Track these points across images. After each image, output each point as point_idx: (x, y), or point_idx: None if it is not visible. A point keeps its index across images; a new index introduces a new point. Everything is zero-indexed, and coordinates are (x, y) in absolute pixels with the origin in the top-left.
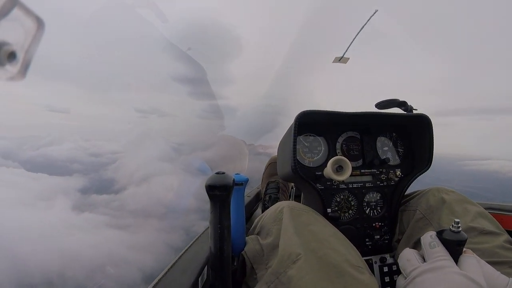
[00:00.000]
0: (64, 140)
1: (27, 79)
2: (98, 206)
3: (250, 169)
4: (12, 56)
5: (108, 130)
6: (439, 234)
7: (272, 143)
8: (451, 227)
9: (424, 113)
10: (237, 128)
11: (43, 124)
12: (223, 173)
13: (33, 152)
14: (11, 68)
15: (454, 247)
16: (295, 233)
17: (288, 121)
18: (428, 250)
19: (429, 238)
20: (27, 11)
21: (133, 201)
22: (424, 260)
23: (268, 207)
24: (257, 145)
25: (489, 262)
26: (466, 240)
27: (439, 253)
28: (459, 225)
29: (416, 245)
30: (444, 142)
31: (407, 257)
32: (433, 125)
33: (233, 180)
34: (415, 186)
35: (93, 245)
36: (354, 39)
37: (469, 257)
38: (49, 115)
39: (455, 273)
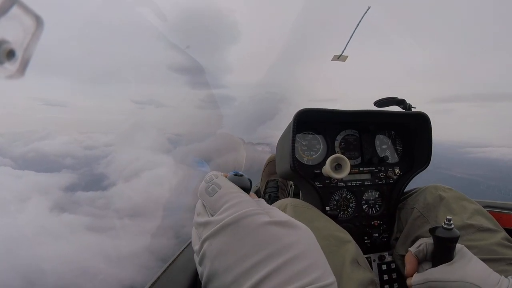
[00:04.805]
0: (58, 133)
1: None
2: (82, 204)
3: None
4: (11, 54)
5: (104, 121)
6: (432, 232)
7: (273, 133)
8: (443, 224)
9: (423, 101)
10: (236, 117)
11: (40, 118)
12: (242, 175)
13: (25, 148)
14: (10, 66)
15: (447, 244)
16: None
17: (287, 108)
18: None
19: None
20: (26, 9)
21: (120, 199)
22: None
23: None
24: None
25: (486, 259)
26: (458, 237)
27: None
28: (451, 222)
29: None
30: (444, 128)
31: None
32: (432, 112)
33: (251, 182)
34: (414, 182)
35: (64, 256)
36: (351, 37)
37: (462, 254)
38: (46, 109)
39: None
